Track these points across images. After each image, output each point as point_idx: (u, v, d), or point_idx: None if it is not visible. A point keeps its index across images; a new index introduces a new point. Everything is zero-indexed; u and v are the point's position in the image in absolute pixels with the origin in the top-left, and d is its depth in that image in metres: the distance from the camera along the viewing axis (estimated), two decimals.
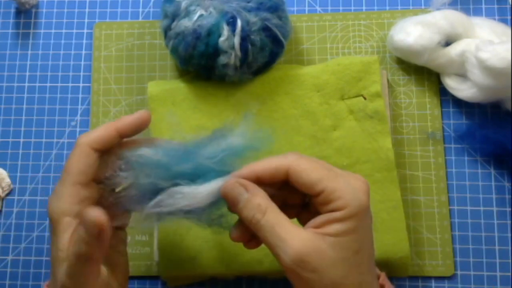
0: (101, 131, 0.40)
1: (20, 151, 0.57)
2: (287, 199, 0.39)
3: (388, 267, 0.50)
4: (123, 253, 0.43)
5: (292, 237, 0.35)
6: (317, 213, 0.37)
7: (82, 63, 0.58)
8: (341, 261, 0.35)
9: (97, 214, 0.33)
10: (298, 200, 0.40)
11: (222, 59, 0.50)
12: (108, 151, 0.41)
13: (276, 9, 0.51)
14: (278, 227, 0.35)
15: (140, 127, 0.41)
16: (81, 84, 0.58)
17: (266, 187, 0.37)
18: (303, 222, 0.39)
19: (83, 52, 0.59)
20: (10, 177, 0.56)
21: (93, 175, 0.40)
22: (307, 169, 0.36)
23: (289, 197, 0.39)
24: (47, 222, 0.55)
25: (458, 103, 0.54)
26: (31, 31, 0.60)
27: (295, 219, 0.40)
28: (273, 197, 0.37)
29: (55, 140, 0.57)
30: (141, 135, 0.43)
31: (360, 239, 0.36)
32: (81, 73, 0.58)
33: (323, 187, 0.36)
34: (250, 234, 0.38)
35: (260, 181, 0.37)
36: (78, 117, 0.57)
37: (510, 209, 0.52)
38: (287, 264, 0.35)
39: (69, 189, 0.39)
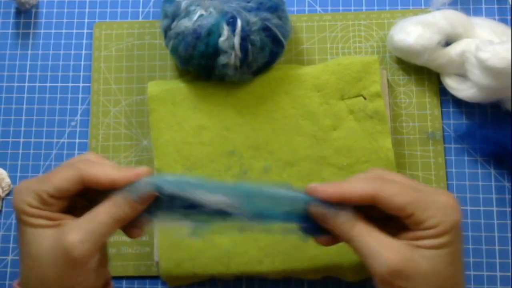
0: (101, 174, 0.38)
1: (20, 151, 0.57)
2: (371, 214, 0.39)
3: None
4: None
5: (386, 248, 0.36)
6: (404, 226, 0.37)
7: (82, 63, 0.58)
8: (435, 273, 0.35)
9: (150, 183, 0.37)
10: (382, 215, 0.39)
11: (222, 59, 0.50)
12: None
13: (276, 9, 0.51)
14: (371, 238, 0.36)
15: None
16: (81, 84, 0.58)
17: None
18: (390, 232, 0.38)
19: (83, 52, 0.59)
20: (10, 177, 0.56)
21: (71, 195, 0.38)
22: (395, 194, 0.36)
23: (373, 212, 0.39)
24: None
25: (458, 103, 0.54)
26: (31, 31, 0.60)
27: None
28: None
29: (55, 140, 0.57)
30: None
31: (453, 252, 0.36)
32: (81, 73, 0.58)
33: (413, 210, 0.36)
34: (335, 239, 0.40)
35: (343, 203, 0.38)
36: (78, 117, 0.57)
37: (510, 209, 0.52)
38: (382, 274, 0.35)
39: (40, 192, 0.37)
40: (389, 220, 0.39)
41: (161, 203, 0.39)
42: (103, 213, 0.37)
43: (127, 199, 0.37)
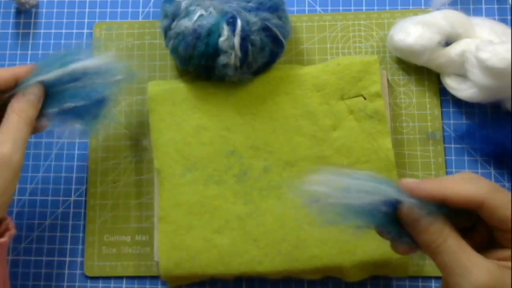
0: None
1: None
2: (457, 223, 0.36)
3: (388, 267, 0.50)
4: None
5: (476, 267, 0.33)
6: (485, 237, 0.36)
7: None
8: None
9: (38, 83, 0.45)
10: (466, 225, 0.37)
11: (222, 59, 0.50)
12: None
13: (276, 9, 0.51)
14: (461, 254, 0.34)
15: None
16: None
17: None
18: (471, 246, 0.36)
19: None
20: None
21: None
22: (505, 204, 0.34)
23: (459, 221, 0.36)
24: (47, 222, 0.55)
25: (458, 103, 0.54)
26: (31, 31, 0.60)
27: None
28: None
29: (55, 140, 0.57)
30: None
31: None
32: None
33: None
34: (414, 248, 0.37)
35: (443, 203, 0.35)
36: None
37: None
38: None
39: None
40: (471, 231, 0.37)
41: (50, 97, 0.45)
42: (16, 121, 0.43)
43: (28, 100, 0.44)
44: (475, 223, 0.37)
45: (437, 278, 0.52)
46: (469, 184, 0.35)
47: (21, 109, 0.44)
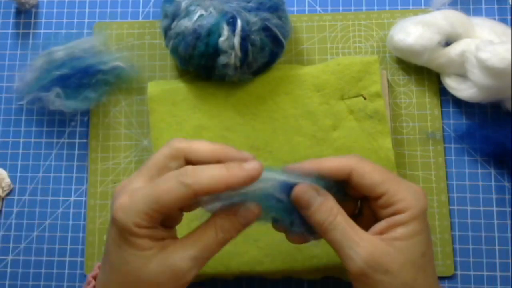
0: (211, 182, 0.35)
1: (20, 151, 0.57)
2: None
3: None
4: None
5: (362, 240, 0.36)
6: (371, 220, 0.38)
7: None
8: (410, 264, 0.36)
9: (257, 207, 0.37)
10: (350, 210, 0.40)
11: (222, 59, 0.50)
12: None
13: (276, 9, 0.51)
14: (350, 229, 0.36)
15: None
16: None
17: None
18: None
19: None
20: (10, 177, 0.56)
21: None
22: (370, 171, 0.38)
23: (342, 206, 0.39)
24: (47, 222, 0.55)
25: (458, 103, 0.54)
26: (31, 31, 0.60)
27: None
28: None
29: (55, 140, 0.57)
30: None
31: (424, 241, 0.37)
32: None
33: (386, 189, 0.37)
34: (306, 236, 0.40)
35: (320, 179, 0.38)
36: (78, 117, 0.57)
37: (510, 209, 0.52)
38: (359, 265, 0.35)
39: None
40: (359, 215, 0.41)
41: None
42: (211, 239, 0.36)
43: (235, 224, 0.37)
44: (361, 210, 0.41)
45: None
46: (338, 158, 0.39)
47: (223, 229, 0.37)
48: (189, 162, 0.37)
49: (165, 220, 0.37)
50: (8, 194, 0.56)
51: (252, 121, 0.53)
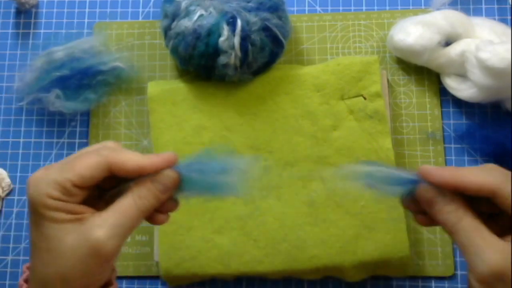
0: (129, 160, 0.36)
1: (20, 151, 0.57)
2: (478, 206, 0.37)
3: (388, 267, 0.50)
4: None
5: (489, 246, 0.34)
6: (506, 225, 0.36)
7: None
8: None
9: (174, 172, 0.37)
10: (485, 210, 0.38)
11: (222, 59, 0.50)
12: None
13: (276, 9, 0.51)
14: (475, 234, 0.35)
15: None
16: None
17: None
18: (494, 231, 0.36)
19: None
20: (10, 177, 0.56)
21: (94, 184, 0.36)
22: None
23: (481, 205, 0.37)
24: None
25: (458, 103, 0.54)
26: (31, 31, 0.60)
27: None
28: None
29: (55, 140, 0.57)
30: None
31: None
32: None
33: None
34: (422, 210, 0.38)
35: (457, 191, 0.36)
36: (78, 117, 0.57)
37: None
38: (482, 274, 0.34)
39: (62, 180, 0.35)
40: (496, 216, 0.37)
41: (182, 187, 0.38)
42: (128, 206, 0.35)
43: (152, 190, 0.36)
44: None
45: (437, 278, 0.52)
46: (482, 173, 0.35)
47: (140, 195, 0.36)
48: (113, 173, 0.36)
49: (93, 201, 0.37)
50: (8, 194, 0.56)
51: (252, 121, 0.53)
